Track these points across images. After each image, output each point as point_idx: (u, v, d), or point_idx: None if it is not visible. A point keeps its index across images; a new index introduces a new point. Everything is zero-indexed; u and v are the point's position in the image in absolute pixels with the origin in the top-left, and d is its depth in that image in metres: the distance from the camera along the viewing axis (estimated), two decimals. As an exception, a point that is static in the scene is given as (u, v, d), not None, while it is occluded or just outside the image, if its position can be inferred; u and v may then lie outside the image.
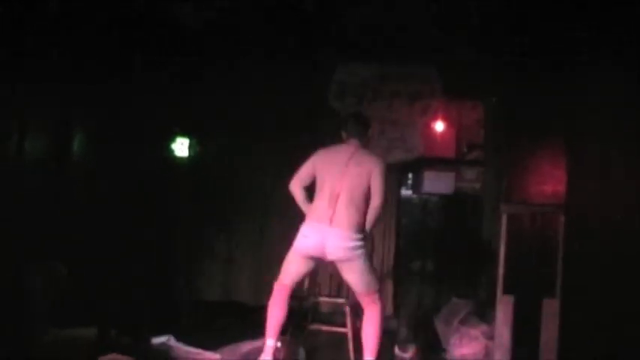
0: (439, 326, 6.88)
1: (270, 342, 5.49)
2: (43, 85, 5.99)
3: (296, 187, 5.61)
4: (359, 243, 5.32)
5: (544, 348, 5.61)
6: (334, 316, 6.85)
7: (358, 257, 5.32)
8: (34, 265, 5.69)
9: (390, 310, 7.61)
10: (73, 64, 6.23)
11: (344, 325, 5.81)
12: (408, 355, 6.44)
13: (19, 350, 5.22)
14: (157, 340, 6.21)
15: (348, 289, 5.85)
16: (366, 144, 5.70)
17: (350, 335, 5.74)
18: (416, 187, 8.46)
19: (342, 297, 6.34)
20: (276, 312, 5.53)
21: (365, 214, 5.40)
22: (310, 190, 5.57)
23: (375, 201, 5.41)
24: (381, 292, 5.54)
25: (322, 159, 5.58)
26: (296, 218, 5.58)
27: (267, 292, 7.38)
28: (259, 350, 5.68)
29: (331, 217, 5.35)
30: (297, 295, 5.85)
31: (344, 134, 5.70)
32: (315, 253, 5.39)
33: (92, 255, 6.34)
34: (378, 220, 5.51)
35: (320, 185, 5.51)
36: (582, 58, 5.79)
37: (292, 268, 5.54)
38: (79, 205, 6.31)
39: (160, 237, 7.32)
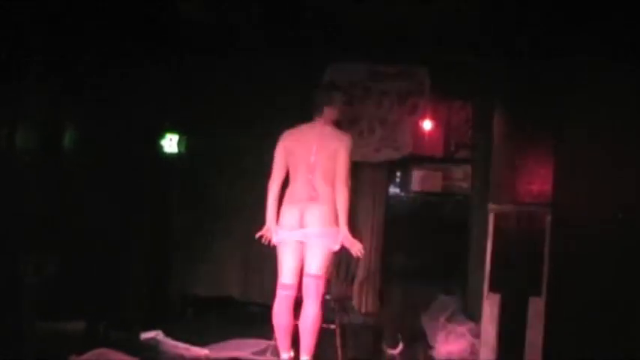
0: (426, 323, 6.92)
1: (285, 355, 5.38)
2: (33, 79, 5.99)
3: (270, 186, 5.53)
4: (334, 228, 5.27)
5: (530, 346, 5.66)
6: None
7: (329, 241, 5.28)
8: (24, 258, 5.70)
9: (376, 307, 7.66)
10: (63, 58, 6.24)
11: (331, 322, 5.82)
12: (395, 351, 6.49)
13: (7, 343, 5.23)
14: (146, 335, 6.24)
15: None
16: (333, 117, 5.54)
17: (337, 331, 5.77)
18: (404, 185, 8.50)
19: (328, 293, 6.35)
20: (281, 320, 5.38)
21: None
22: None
23: (339, 188, 5.25)
24: (327, 283, 5.51)
25: (290, 143, 5.46)
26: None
27: (256, 287, 7.49)
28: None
29: (312, 197, 5.33)
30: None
31: (312, 112, 5.58)
32: (294, 227, 5.34)
33: (81, 249, 6.36)
34: (348, 210, 5.30)
35: (293, 173, 5.45)
36: (571, 58, 5.83)
37: (283, 260, 5.45)
38: (68, 199, 6.31)
39: (149, 232, 7.33)
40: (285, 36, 7.12)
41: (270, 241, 5.50)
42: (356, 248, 5.30)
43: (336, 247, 5.32)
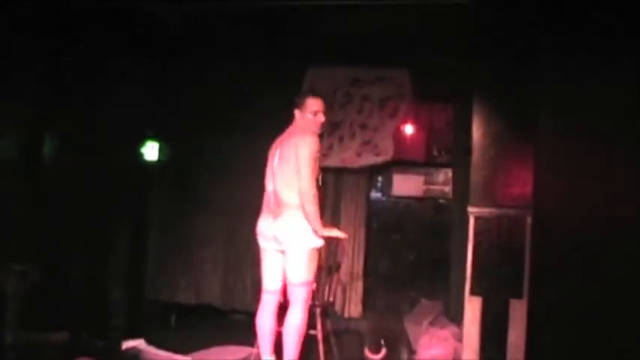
0: (409, 327, 6.93)
1: None
2: (13, 87, 5.97)
3: None
4: (308, 229, 5.21)
5: (512, 348, 5.66)
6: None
7: (306, 245, 5.23)
8: (6, 268, 5.67)
9: (359, 312, 7.67)
10: (44, 65, 6.21)
11: (314, 328, 5.81)
12: (378, 357, 6.48)
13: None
14: (128, 344, 6.22)
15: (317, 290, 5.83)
16: (300, 122, 5.45)
17: (320, 337, 5.76)
18: (386, 189, 8.50)
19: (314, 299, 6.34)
20: (264, 324, 5.40)
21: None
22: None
23: (302, 200, 5.13)
24: (310, 289, 5.40)
25: (271, 150, 5.48)
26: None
27: (238, 294, 7.47)
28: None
29: (277, 205, 5.27)
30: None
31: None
32: (268, 239, 5.33)
33: (63, 258, 6.33)
34: (315, 215, 5.15)
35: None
36: (551, 60, 5.86)
37: (263, 266, 5.47)
38: (50, 208, 6.28)
39: (131, 240, 7.31)
40: (266, 42, 7.13)
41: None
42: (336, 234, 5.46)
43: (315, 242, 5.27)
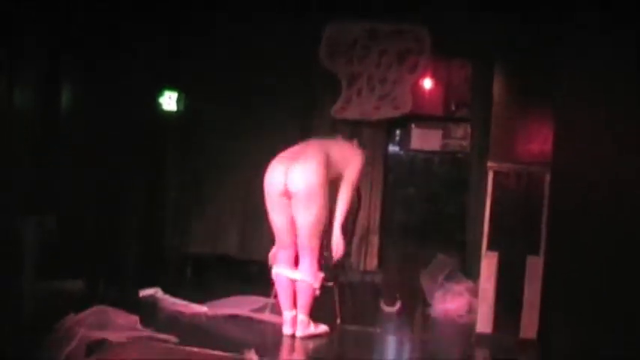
0: (424, 282, 6.94)
1: (288, 315, 5.46)
2: (30, 37, 5.94)
3: None
4: (323, 186, 5.31)
5: (527, 304, 5.67)
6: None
7: (319, 197, 5.30)
8: (23, 217, 5.69)
9: (375, 265, 7.69)
10: (61, 16, 6.18)
11: (329, 280, 5.82)
12: (393, 309, 6.51)
13: (7, 303, 5.24)
14: (145, 293, 6.27)
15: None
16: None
17: (335, 289, 5.79)
18: (403, 143, 8.48)
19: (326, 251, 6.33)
20: (282, 278, 5.49)
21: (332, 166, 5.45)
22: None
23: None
24: (320, 247, 5.51)
25: None
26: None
27: (254, 244, 7.49)
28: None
29: (298, 153, 5.42)
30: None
31: None
32: (279, 185, 5.36)
33: (80, 208, 6.36)
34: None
35: None
36: (571, 17, 5.78)
37: (272, 218, 5.50)
38: (67, 158, 6.30)
39: (147, 189, 7.33)
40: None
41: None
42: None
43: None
